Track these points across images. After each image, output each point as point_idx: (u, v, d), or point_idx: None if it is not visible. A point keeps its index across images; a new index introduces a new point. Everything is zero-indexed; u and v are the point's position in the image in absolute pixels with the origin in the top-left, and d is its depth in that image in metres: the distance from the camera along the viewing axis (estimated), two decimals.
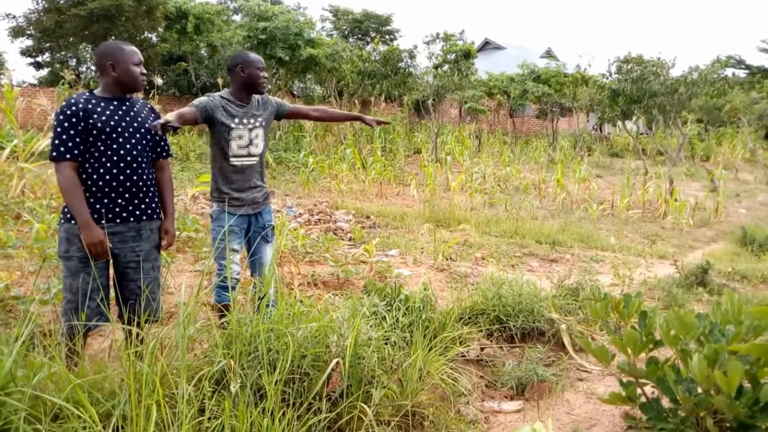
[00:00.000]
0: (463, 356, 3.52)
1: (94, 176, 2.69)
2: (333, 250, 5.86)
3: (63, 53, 20.33)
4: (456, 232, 8.09)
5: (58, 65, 21.39)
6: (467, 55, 18.37)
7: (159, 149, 3.00)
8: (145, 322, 2.87)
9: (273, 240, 3.57)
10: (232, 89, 3.39)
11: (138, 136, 2.82)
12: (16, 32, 16.25)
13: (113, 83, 2.77)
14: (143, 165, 2.83)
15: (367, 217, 8.63)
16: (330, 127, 18.16)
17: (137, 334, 2.54)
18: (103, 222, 2.71)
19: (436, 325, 3.43)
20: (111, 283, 2.89)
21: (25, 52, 22.42)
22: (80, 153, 2.66)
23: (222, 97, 3.33)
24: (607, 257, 7.38)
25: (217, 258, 3.33)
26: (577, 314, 4.24)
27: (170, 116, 2.82)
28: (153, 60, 17.35)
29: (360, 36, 27.02)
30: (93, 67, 18.91)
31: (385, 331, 2.97)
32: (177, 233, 5.51)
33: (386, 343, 2.85)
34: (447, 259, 5.82)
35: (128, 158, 2.75)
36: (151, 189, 2.91)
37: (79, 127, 2.64)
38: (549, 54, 36.62)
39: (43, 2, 15.71)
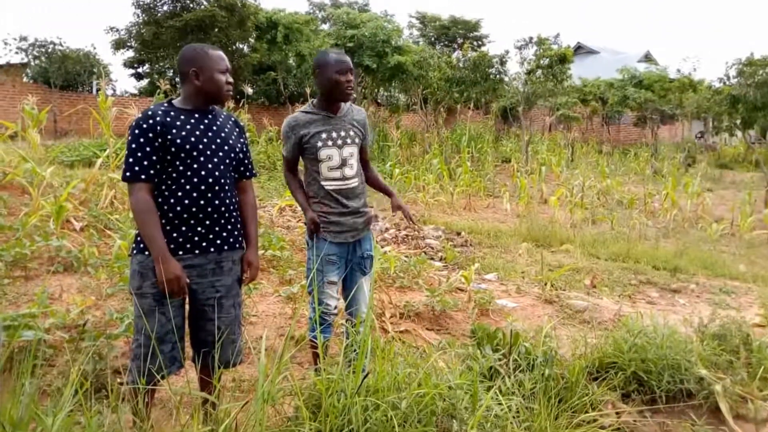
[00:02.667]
0: (595, 421, 2.87)
1: (171, 200, 2.30)
2: (425, 274, 5.32)
3: (161, 64, 21.18)
4: (558, 253, 7.32)
5: (156, 75, 22.34)
6: (563, 59, 17.31)
7: (242, 168, 2.58)
8: (224, 367, 2.47)
9: (371, 272, 3.08)
10: (316, 98, 2.94)
11: (221, 153, 2.41)
12: (118, 44, 17.00)
13: (196, 93, 2.38)
14: (226, 187, 2.42)
15: (458, 234, 8.03)
16: (416, 136, 17.70)
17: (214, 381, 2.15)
18: (180, 253, 2.32)
19: (562, 385, 2.80)
20: (186, 322, 2.50)
21: (126, 64, 23.64)
22: (157, 173, 2.28)
23: (304, 111, 2.89)
24: (740, 288, 6.36)
25: (312, 290, 2.89)
26: (728, 368, 3.46)
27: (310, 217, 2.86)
28: (243, 69, 17.60)
29: (447, 42, 26.44)
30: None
31: (507, 397, 2.38)
32: (261, 251, 5.18)
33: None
34: (555, 288, 5.12)
35: (210, 179, 2.35)
36: (234, 214, 2.49)
37: (156, 144, 2.26)
38: (648, 57, 34.43)
39: (143, 15, 16.31)
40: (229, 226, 2.47)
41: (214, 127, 2.43)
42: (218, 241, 2.42)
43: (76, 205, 5.81)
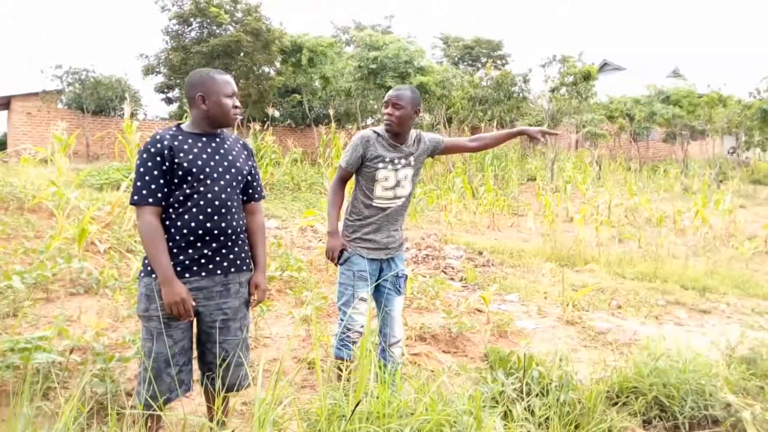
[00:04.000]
0: None
1: (178, 223, 2.32)
2: (443, 294, 5.25)
3: None
4: (583, 273, 7.17)
5: (185, 100, 22.88)
6: (587, 77, 17.19)
7: (251, 190, 2.60)
8: (231, 391, 2.46)
9: (404, 291, 3.14)
10: (382, 126, 3.01)
11: (228, 177, 2.43)
12: (147, 70, 17.44)
13: (203, 117, 2.41)
14: (233, 209, 2.44)
15: (480, 253, 7.93)
16: (438, 157, 17.66)
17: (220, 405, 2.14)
18: (187, 276, 2.33)
19: (578, 411, 2.70)
20: (193, 345, 2.50)
21: (157, 89, 24.27)
22: (164, 197, 2.31)
23: (376, 133, 2.98)
24: None
25: (342, 305, 2.95)
26: (758, 394, 3.30)
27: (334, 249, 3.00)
28: (269, 92, 17.89)
29: (470, 62, 26.47)
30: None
31: (518, 423, 2.31)
32: (278, 272, 5.19)
33: None
34: (577, 309, 4.99)
35: (216, 202, 2.37)
36: (241, 236, 2.51)
37: (164, 167, 2.29)
38: (676, 74, 33.88)
39: (171, 42, 16.74)
40: (236, 249, 2.47)
41: (222, 150, 2.45)
42: (225, 264, 2.43)
43: (100, 227, 5.91)
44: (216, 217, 2.36)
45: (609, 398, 2.95)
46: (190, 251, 2.34)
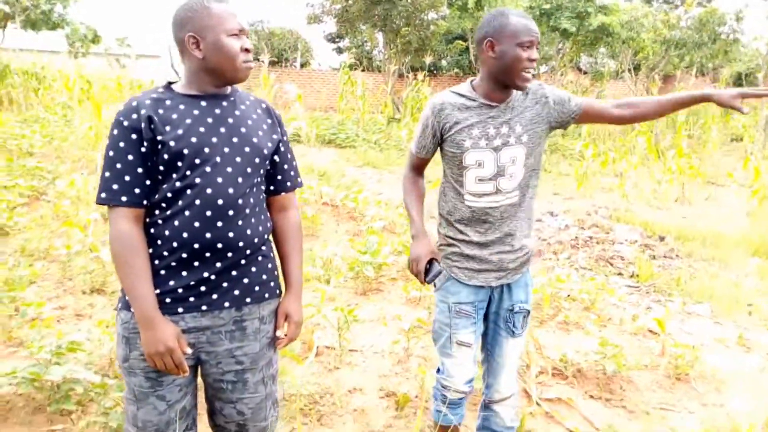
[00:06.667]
0: None
1: (166, 232, 1.55)
2: (602, 302, 4.03)
3: (358, 37, 21.43)
4: None
5: (354, 49, 22.75)
6: None
7: (280, 177, 1.76)
8: None
9: (524, 333, 2.09)
10: (478, 78, 1.95)
11: (240, 160, 1.60)
12: (311, 19, 17.33)
13: (199, 69, 1.59)
14: (247, 210, 1.62)
15: (661, 239, 6.35)
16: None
17: None
18: (180, 311, 1.58)
19: None
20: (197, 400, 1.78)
21: (327, 38, 24.45)
22: (146, 193, 1.55)
23: (456, 92, 1.94)
24: None
25: (439, 349, 2.06)
26: None
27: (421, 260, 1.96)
28: (431, 39, 16.89)
29: None
30: (382, 50, 19.40)
31: None
32: (396, 256, 4.36)
33: None
34: None
35: (220, 201, 1.56)
36: (262, 250, 1.69)
37: (143, 149, 1.53)
38: None
39: None
40: (254, 268, 1.67)
41: (230, 119, 1.62)
42: (236, 292, 1.64)
43: None
44: (219, 223, 1.57)
45: None
46: (184, 274, 1.58)
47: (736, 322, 4.16)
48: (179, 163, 1.54)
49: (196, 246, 1.56)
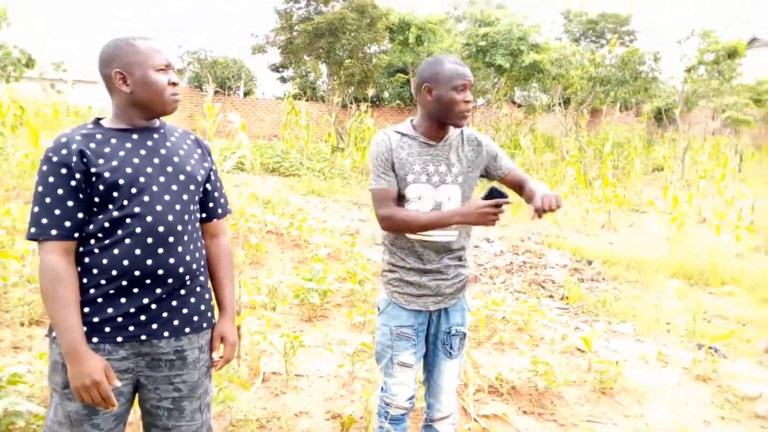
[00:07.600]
0: None
1: (104, 261, 1.61)
2: (534, 323, 4.29)
3: (302, 68, 21.68)
4: (719, 297, 5.82)
5: (299, 79, 22.96)
6: (732, 54, 14.86)
7: (211, 204, 1.86)
8: None
9: (461, 355, 2.25)
10: (417, 118, 2.12)
11: (175, 188, 1.69)
12: (255, 50, 17.45)
13: (127, 104, 1.68)
14: (185, 236, 1.70)
15: (589, 263, 6.77)
16: (551, 142, 16.22)
17: None
18: (119, 340, 1.62)
19: None
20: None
21: (272, 68, 24.58)
22: (76, 225, 1.60)
23: (398, 132, 2.09)
24: None
25: (382, 370, 2.19)
26: None
27: None
28: (373, 72, 17.31)
29: (594, 38, 24.20)
30: (326, 81, 19.73)
31: None
32: (339, 283, 4.49)
33: None
34: (713, 359, 3.82)
35: (160, 228, 1.64)
36: (199, 276, 1.76)
37: (74, 183, 1.58)
38: None
39: (281, 21, 16.60)
40: (193, 298, 1.74)
41: (162, 150, 1.71)
42: (176, 322, 1.70)
43: None
44: (160, 250, 1.64)
45: None
46: (123, 301, 1.62)
47: (656, 339, 4.51)
48: (115, 194, 1.60)
49: (137, 273, 1.61)
